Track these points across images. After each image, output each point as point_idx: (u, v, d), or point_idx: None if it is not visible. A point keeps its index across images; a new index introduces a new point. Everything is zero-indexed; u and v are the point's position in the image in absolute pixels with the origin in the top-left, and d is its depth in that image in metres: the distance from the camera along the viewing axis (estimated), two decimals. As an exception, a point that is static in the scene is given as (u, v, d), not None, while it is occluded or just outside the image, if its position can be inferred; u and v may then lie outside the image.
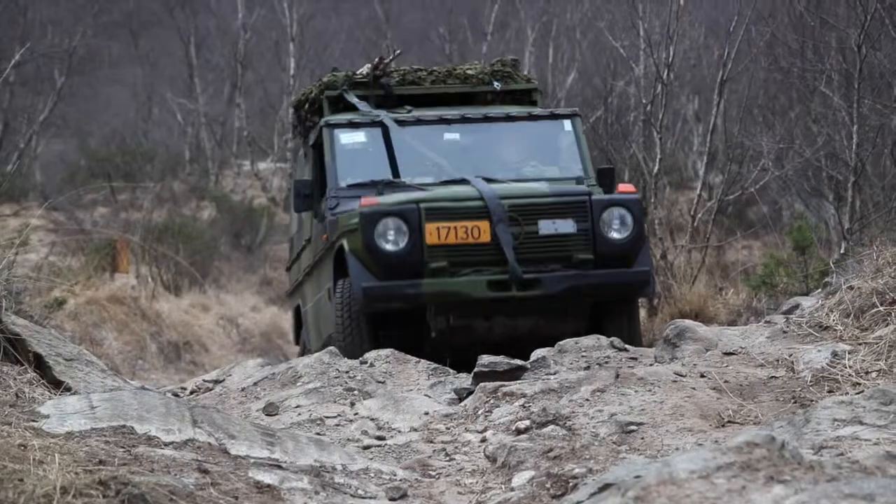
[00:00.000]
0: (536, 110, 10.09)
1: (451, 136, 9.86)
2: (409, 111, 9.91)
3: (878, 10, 12.27)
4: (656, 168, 14.48)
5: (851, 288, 7.07)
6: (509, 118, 9.93)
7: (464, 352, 8.92)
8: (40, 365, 6.25)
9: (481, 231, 8.61)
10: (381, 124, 9.71)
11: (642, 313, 13.41)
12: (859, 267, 7.52)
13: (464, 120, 9.86)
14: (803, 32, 14.73)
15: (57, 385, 6.17)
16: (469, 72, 10.41)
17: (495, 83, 10.28)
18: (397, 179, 9.43)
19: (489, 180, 9.19)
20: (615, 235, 8.73)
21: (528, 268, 8.60)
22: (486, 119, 9.89)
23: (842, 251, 11.79)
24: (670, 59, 14.67)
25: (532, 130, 9.99)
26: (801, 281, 11.11)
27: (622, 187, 9.11)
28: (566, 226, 8.70)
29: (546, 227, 8.68)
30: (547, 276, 8.61)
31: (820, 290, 8.62)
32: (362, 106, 9.93)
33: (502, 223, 8.58)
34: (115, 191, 27.35)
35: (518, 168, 9.71)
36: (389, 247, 8.60)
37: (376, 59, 10.35)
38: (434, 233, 8.60)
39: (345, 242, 8.87)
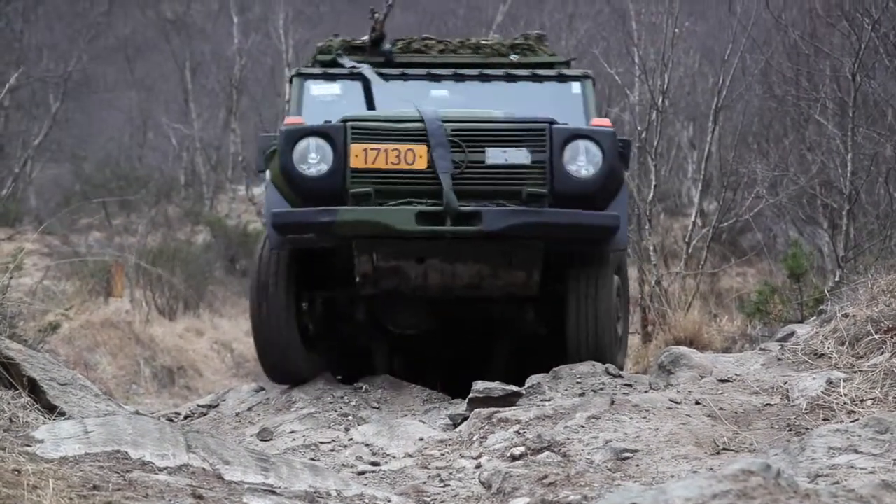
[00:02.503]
0: (542, 71, 8.76)
1: (440, 93, 8.68)
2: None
3: (873, 39, 12.31)
4: (651, 194, 14.50)
5: (846, 316, 7.08)
6: (509, 77, 8.68)
7: (396, 307, 8.08)
8: (34, 389, 6.24)
9: (416, 156, 7.40)
10: (361, 77, 8.60)
11: (635, 340, 13.44)
12: (854, 295, 7.52)
13: (456, 77, 8.69)
14: (798, 61, 14.77)
15: (51, 410, 6.15)
16: (484, 42, 9.19)
17: (512, 55, 9.00)
18: None
19: None
20: (579, 172, 7.45)
21: (469, 202, 7.33)
22: (482, 77, 8.69)
23: (836, 279, 11.80)
24: (665, 86, 14.71)
25: (535, 92, 8.66)
26: (796, 308, 11.11)
27: (597, 121, 7.90)
28: (519, 156, 7.42)
29: (494, 155, 7.41)
30: (488, 211, 7.27)
31: (815, 317, 8.62)
32: (356, 65, 8.75)
33: (442, 147, 7.36)
34: (110, 215, 27.35)
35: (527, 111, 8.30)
36: (310, 171, 7.46)
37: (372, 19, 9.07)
38: (360, 155, 7.38)
39: (268, 173, 7.86)
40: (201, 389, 16.06)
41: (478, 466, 5.81)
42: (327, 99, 8.58)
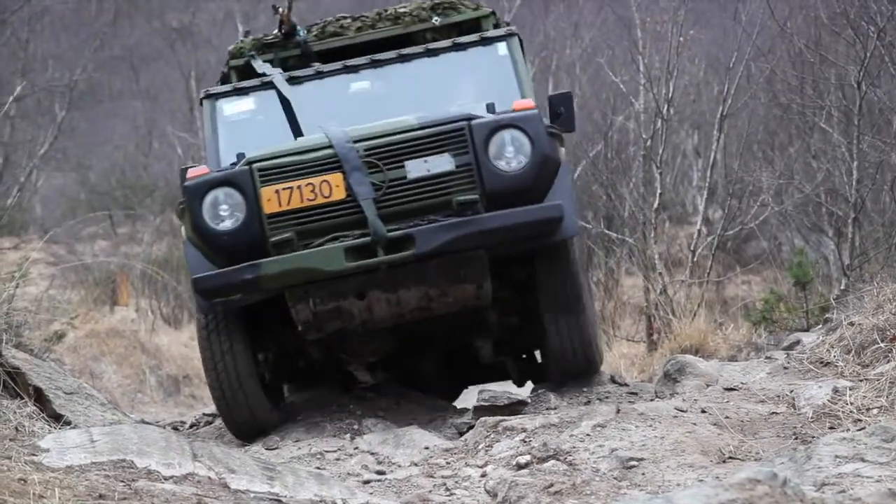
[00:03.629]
0: (463, 38, 8.12)
1: (360, 85, 8.07)
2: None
3: (878, 48, 12.30)
4: (656, 203, 14.49)
5: (852, 324, 7.08)
6: (429, 53, 8.06)
7: (349, 339, 7.52)
8: (40, 398, 6.26)
9: (332, 186, 6.78)
10: (274, 86, 7.99)
11: (640, 348, 13.43)
12: (860, 303, 7.53)
13: (373, 64, 8.05)
14: (803, 69, 14.75)
15: (57, 419, 6.17)
16: (402, 10, 8.49)
17: (434, 18, 8.37)
18: None
19: None
20: (510, 166, 6.84)
21: (399, 223, 6.75)
22: (401, 59, 8.05)
23: (842, 287, 11.80)
24: (670, 95, 14.70)
25: (460, 62, 8.06)
26: (802, 317, 11.11)
27: (518, 104, 7.11)
28: (442, 163, 6.80)
29: (415, 168, 6.79)
30: (419, 231, 6.69)
31: (820, 325, 8.62)
32: (267, 71, 8.16)
33: (358, 172, 6.74)
34: (115, 225, 27.39)
35: (442, 112, 7.51)
36: (223, 225, 6.84)
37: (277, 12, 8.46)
38: (273, 198, 6.77)
39: (182, 230, 7.22)
40: (206, 398, 16.05)
41: (483, 475, 5.81)
42: (243, 117, 8.07)
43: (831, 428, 5.92)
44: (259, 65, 8.22)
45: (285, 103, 7.83)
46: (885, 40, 12.31)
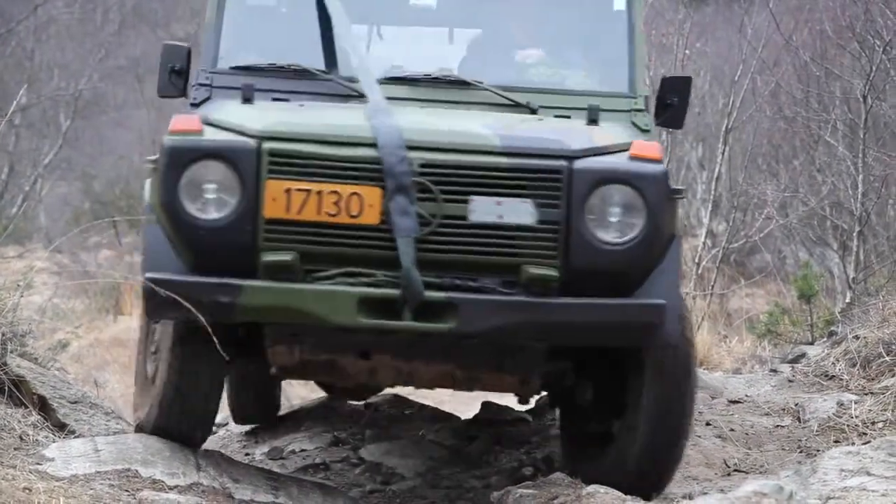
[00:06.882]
0: None
1: (424, 1, 6.03)
2: None
3: (884, 61, 12.32)
4: (661, 215, 14.49)
5: (857, 337, 7.09)
6: None
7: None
8: (44, 407, 6.25)
9: (364, 204, 4.83)
10: None
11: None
12: (865, 316, 7.53)
13: None
14: (808, 82, 14.77)
15: (61, 428, 6.16)
16: None
17: None
18: (323, 70, 5.49)
19: (456, 84, 5.48)
20: (610, 236, 4.87)
21: (440, 276, 4.84)
22: None
23: (847, 300, 11.79)
24: (675, 107, 14.71)
25: (560, 5, 5.94)
26: (806, 330, 11.11)
27: (639, 147, 5.06)
28: (520, 212, 4.85)
29: (483, 209, 4.85)
30: (466, 301, 4.80)
31: (825, 339, 8.62)
32: None
33: (403, 195, 4.78)
34: (119, 234, 27.42)
35: (521, 69, 5.76)
36: (205, 214, 4.86)
37: None
38: (280, 198, 4.82)
39: (146, 191, 5.18)
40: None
41: (487, 486, 5.81)
42: (264, 6, 6.05)
43: (836, 441, 5.92)
44: None
45: (323, 7, 5.53)
46: (891, 54, 12.32)
